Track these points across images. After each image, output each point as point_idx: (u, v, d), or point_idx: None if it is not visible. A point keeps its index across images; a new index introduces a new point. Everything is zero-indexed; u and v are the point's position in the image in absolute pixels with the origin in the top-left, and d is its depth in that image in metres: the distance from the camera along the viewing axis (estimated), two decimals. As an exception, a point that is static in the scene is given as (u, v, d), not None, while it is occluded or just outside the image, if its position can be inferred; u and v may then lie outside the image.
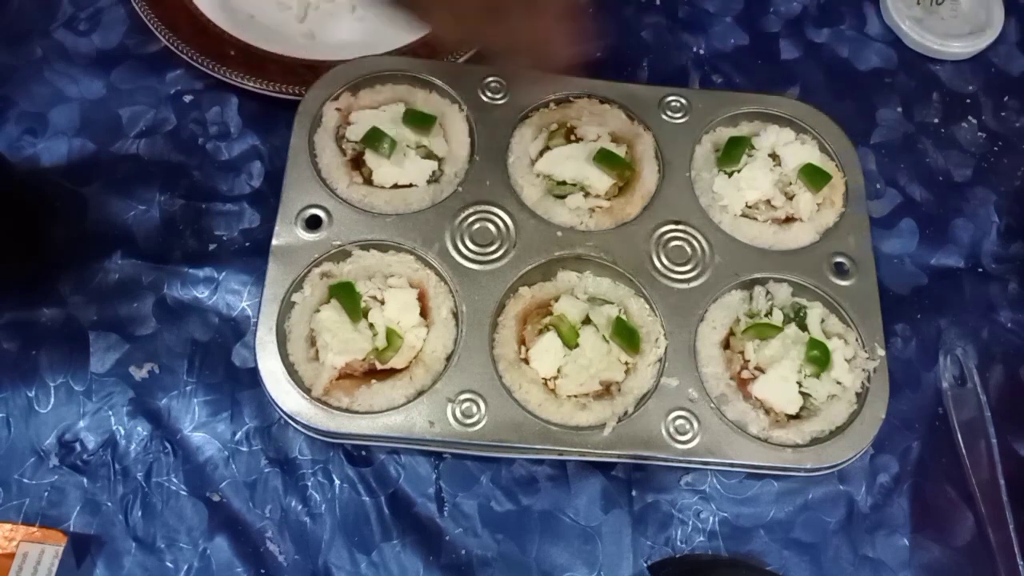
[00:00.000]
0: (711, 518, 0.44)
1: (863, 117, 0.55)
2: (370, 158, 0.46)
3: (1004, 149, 0.55)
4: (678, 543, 0.43)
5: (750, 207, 0.47)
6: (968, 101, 0.57)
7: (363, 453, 0.44)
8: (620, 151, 0.47)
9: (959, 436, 0.46)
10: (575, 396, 0.42)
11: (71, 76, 0.52)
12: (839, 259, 0.46)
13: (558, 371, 0.42)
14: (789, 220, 0.47)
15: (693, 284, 0.45)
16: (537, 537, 0.43)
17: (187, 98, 0.52)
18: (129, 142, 0.50)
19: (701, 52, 0.57)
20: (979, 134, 0.55)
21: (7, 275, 0.46)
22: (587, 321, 0.43)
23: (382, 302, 0.43)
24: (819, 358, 0.42)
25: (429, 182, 0.46)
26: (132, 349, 0.45)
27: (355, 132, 0.46)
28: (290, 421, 0.41)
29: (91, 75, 0.52)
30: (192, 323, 0.46)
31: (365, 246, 0.44)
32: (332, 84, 0.48)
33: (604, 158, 0.46)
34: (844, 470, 0.44)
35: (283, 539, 0.42)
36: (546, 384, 0.42)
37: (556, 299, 0.44)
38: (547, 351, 0.42)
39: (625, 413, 0.42)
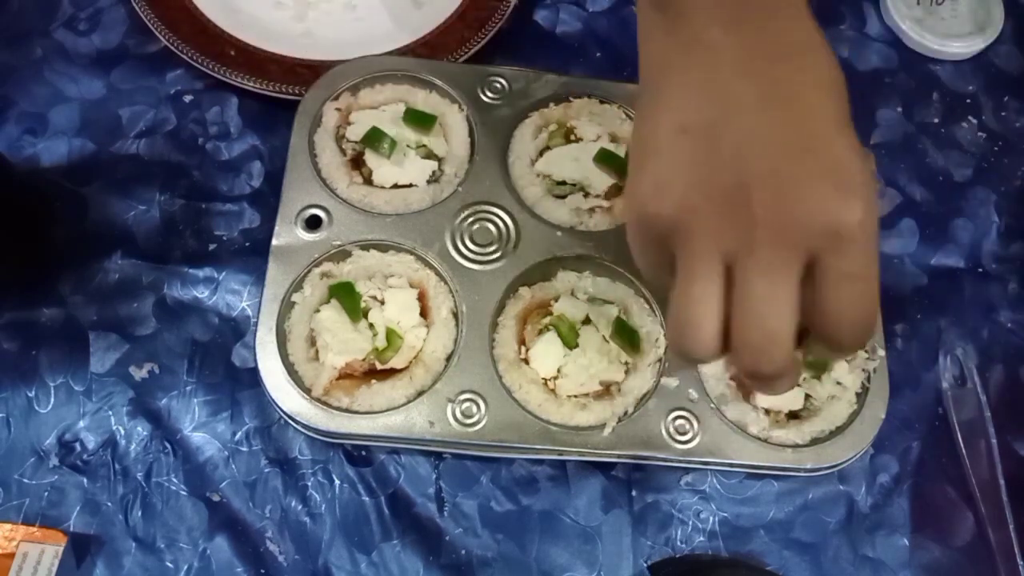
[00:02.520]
0: (711, 518, 0.44)
1: (863, 117, 0.55)
2: (370, 158, 0.46)
3: (1004, 149, 0.55)
4: (678, 543, 0.43)
5: (750, 207, 0.47)
6: (968, 101, 0.56)
7: (363, 453, 0.44)
8: (620, 151, 0.47)
9: (959, 436, 0.46)
10: (575, 396, 0.42)
11: (71, 76, 0.52)
12: (839, 259, 0.46)
13: (558, 371, 0.42)
14: (789, 220, 0.47)
15: (693, 284, 0.45)
16: (537, 537, 0.43)
17: (187, 98, 0.52)
18: (129, 142, 0.50)
19: (701, 52, 0.57)
20: (979, 134, 0.55)
21: (7, 275, 0.46)
22: (587, 321, 0.43)
23: (382, 302, 0.43)
24: (815, 363, 0.42)
25: (429, 182, 0.46)
26: (132, 349, 0.45)
27: (355, 132, 0.46)
28: (290, 421, 0.41)
29: (91, 75, 0.52)
30: (192, 323, 0.46)
31: (365, 246, 0.44)
32: (332, 84, 0.48)
33: (604, 158, 0.46)
34: (844, 470, 0.44)
35: (283, 539, 0.42)
36: (546, 384, 0.42)
37: (556, 299, 0.44)
38: (547, 351, 0.42)
39: (625, 413, 0.42)
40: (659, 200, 0.30)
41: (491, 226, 0.45)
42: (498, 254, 0.45)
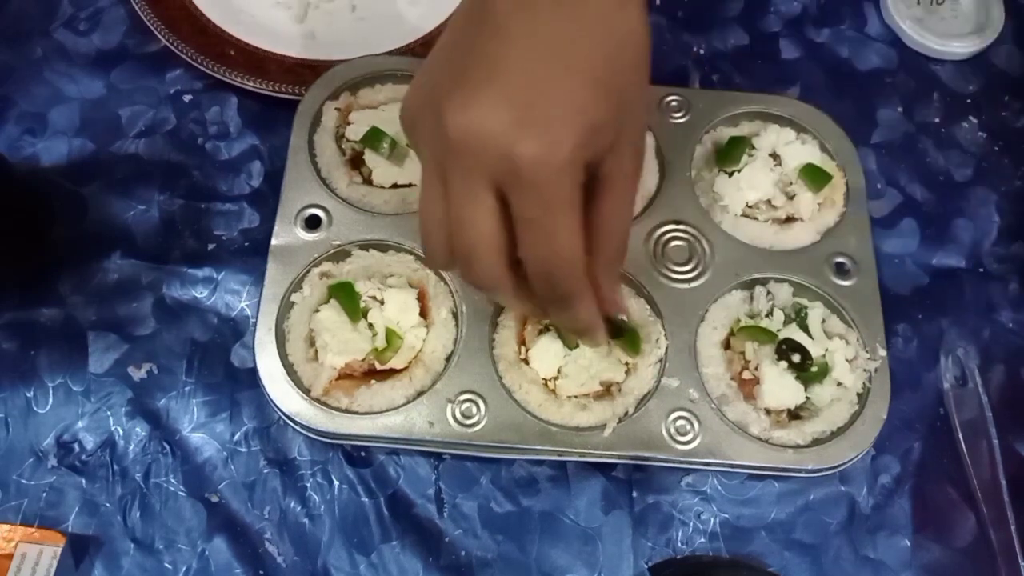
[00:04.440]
0: (712, 519, 0.43)
1: (863, 117, 0.55)
2: (370, 158, 0.46)
3: (1005, 149, 0.55)
4: (679, 544, 0.43)
5: (751, 207, 0.47)
6: (969, 101, 0.56)
7: (362, 454, 0.44)
8: (620, 151, 0.47)
9: (960, 437, 0.45)
10: (575, 396, 0.42)
11: (71, 76, 0.52)
12: (840, 259, 0.46)
13: (558, 371, 0.42)
14: (790, 220, 0.47)
15: (694, 284, 0.45)
16: (537, 538, 0.42)
17: (187, 98, 0.52)
18: (129, 142, 0.50)
19: (701, 52, 0.57)
20: (979, 134, 0.55)
21: (6, 275, 0.46)
22: (587, 321, 0.43)
23: (381, 302, 0.43)
24: (816, 374, 0.42)
25: (429, 182, 0.46)
26: (131, 349, 0.45)
27: (355, 132, 0.46)
28: (289, 422, 0.41)
29: (91, 75, 0.52)
30: (191, 323, 0.46)
31: (365, 246, 0.44)
32: (332, 84, 0.48)
33: (604, 158, 0.46)
34: (845, 471, 0.44)
35: (282, 540, 0.42)
36: (546, 384, 0.42)
37: (556, 299, 0.44)
38: (547, 351, 0.42)
39: (626, 414, 0.42)
40: (406, 104, 0.32)
41: (491, 226, 0.45)
42: (498, 254, 0.44)
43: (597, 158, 0.30)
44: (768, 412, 0.42)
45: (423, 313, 0.43)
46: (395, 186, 0.46)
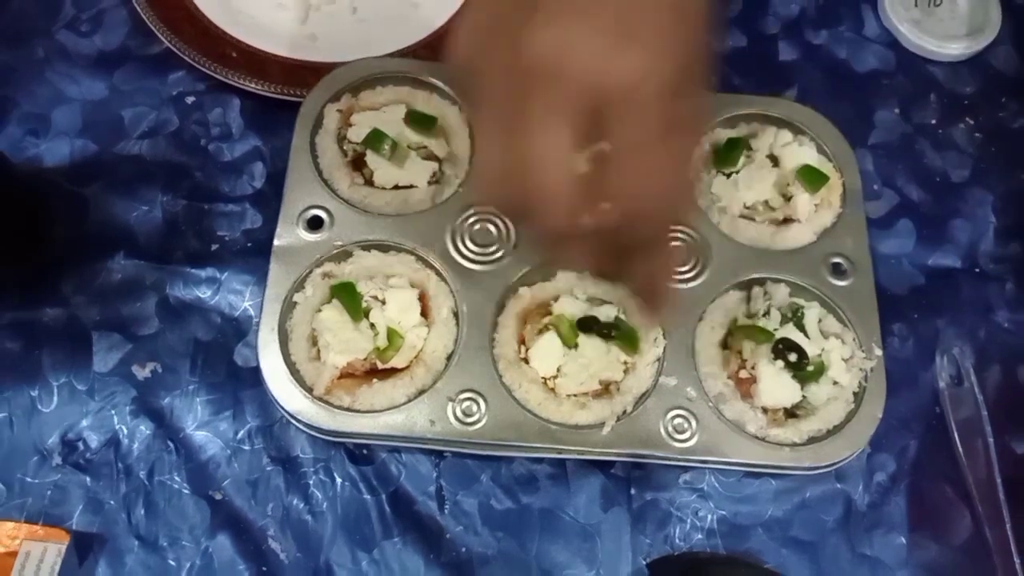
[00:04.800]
0: (709, 516, 0.44)
1: (861, 118, 0.55)
2: (371, 159, 0.46)
3: (1001, 150, 0.55)
4: (677, 541, 0.43)
5: (748, 208, 0.47)
6: (966, 102, 0.57)
7: (364, 452, 0.44)
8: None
9: (956, 435, 0.46)
10: (574, 395, 0.42)
11: (73, 77, 0.52)
12: (837, 259, 0.46)
13: (558, 370, 0.43)
14: (787, 221, 0.47)
15: (692, 284, 0.45)
16: (537, 535, 0.43)
17: (189, 99, 0.52)
18: (131, 143, 0.51)
19: (700, 53, 0.57)
20: (976, 135, 0.56)
21: (10, 275, 0.46)
22: (586, 321, 0.44)
23: (383, 302, 0.43)
24: (812, 373, 0.43)
25: (430, 183, 0.47)
26: (135, 349, 0.45)
27: (356, 133, 0.47)
28: (292, 420, 0.42)
29: (93, 76, 0.52)
30: (194, 323, 0.46)
31: (366, 246, 0.45)
32: (333, 85, 0.48)
33: (603, 159, 0.47)
34: (842, 469, 0.44)
35: (285, 537, 0.42)
36: (546, 383, 0.42)
37: (555, 299, 0.44)
38: (547, 351, 0.42)
39: (624, 412, 0.42)
40: (461, 41, 0.30)
41: (491, 227, 0.46)
42: (498, 254, 0.45)
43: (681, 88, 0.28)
44: (765, 411, 0.43)
45: (424, 313, 0.43)
46: (396, 187, 0.46)
